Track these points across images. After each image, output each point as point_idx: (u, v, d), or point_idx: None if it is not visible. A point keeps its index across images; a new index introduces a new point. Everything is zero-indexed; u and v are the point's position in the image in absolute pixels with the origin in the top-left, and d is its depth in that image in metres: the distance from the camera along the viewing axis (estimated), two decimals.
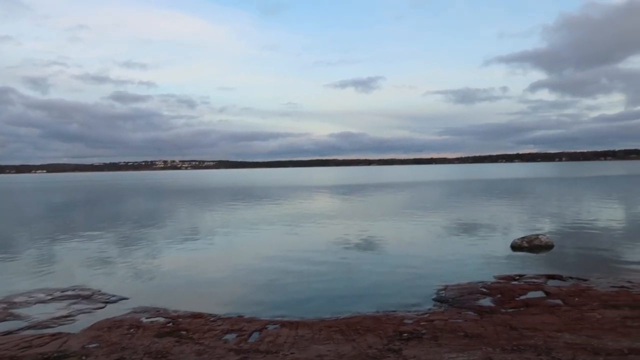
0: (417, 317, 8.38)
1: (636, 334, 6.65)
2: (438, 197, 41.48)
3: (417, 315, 8.53)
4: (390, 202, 36.43)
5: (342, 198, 42.68)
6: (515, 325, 7.32)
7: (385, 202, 37.31)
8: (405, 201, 37.42)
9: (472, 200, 35.52)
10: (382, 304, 9.54)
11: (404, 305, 9.41)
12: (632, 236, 17.43)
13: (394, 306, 9.37)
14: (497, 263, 13.39)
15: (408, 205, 32.77)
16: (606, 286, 10.28)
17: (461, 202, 34.60)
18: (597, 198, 35.64)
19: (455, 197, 40.35)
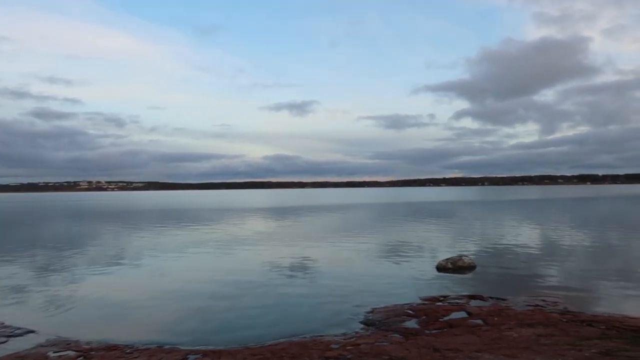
0: (344, 341, 8.31)
1: (549, 351, 6.95)
2: (369, 219, 42.23)
3: (344, 339, 8.46)
4: (322, 225, 36.57)
5: (275, 221, 42.35)
6: (439, 347, 7.43)
7: (318, 224, 37.41)
8: (337, 224, 37.74)
9: (401, 223, 36.44)
10: (310, 329, 9.41)
11: (332, 329, 9.32)
12: (546, 256, 18.51)
13: (321, 330, 9.27)
14: (423, 284, 13.69)
15: (340, 228, 33.06)
16: (522, 305, 10.79)
17: (391, 224, 35.39)
18: (516, 220, 37.83)
19: (385, 219, 41.26)
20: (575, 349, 6.99)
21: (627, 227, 30.27)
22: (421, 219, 40.73)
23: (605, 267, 16.09)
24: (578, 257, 18.45)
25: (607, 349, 6.89)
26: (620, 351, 6.77)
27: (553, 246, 21.70)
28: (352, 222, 39.48)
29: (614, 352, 6.74)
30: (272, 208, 66.72)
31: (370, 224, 36.65)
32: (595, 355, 6.60)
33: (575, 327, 8.59)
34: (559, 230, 29.12)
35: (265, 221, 42.42)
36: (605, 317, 9.48)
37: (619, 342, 7.37)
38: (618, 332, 8.18)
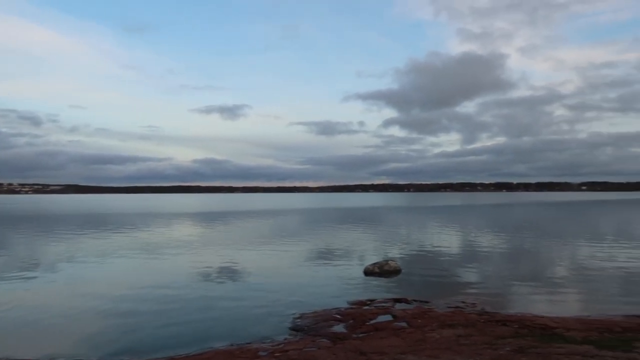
0: (272, 348, 8.24)
1: (468, 350, 7.29)
2: (298, 225, 42.36)
3: (272, 346, 8.40)
4: (251, 230, 36.19)
5: (203, 226, 41.32)
6: (365, 350, 7.56)
7: (247, 230, 36.97)
8: (266, 229, 37.51)
9: (330, 228, 36.88)
10: (238, 337, 9.25)
11: (260, 336, 9.23)
12: (466, 260, 19.49)
13: (250, 338, 9.14)
14: (351, 289, 13.91)
15: (269, 233, 32.87)
16: (444, 307, 11.27)
17: (320, 230, 35.70)
18: (439, 226, 39.50)
19: (315, 225, 41.57)
20: (492, 347, 7.39)
21: (537, 233, 32.55)
22: (350, 224, 41.45)
23: (518, 270, 17.19)
24: (494, 260, 19.58)
25: (519, 347, 7.35)
26: (531, 348, 7.24)
27: (472, 250, 22.87)
28: (281, 227, 39.40)
29: (525, 349, 7.20)
30: (201, 213, 65.10)
31: (300, 229, 36.79)
32: (509, 352, 7.01)
33: (492, 327, 9.09)
34: (477, 235, 30.78)
35: (193, 226, 41.28)
36: (518, 316, 10.12)
37: (530, 340, 7.89)
38: (529, 331, 8.76)
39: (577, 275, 15.94)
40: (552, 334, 8.46)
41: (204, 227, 40.10)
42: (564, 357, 6.53)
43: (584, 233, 31.83)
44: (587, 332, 8.60)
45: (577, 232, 33.00)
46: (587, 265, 17.84)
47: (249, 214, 61.88)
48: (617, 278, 15.39)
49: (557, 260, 19.38)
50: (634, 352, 6.84)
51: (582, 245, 24.58)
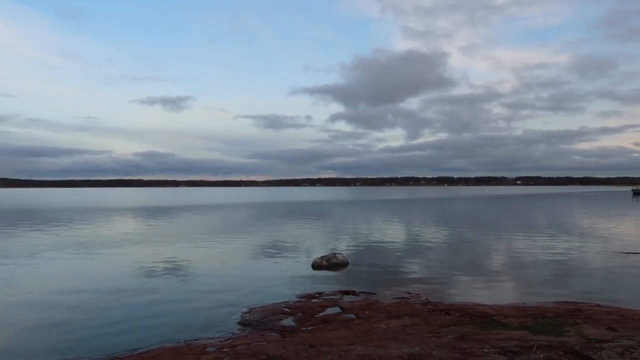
0: (220, 343, 8.16)
1: (413, 339, 7.53)
2: (246, 219, 42.00)
3: (220, 341, 8.31)
4: (197, 225, 35.49)
5: (145, 221, 40.06)
6: (314, 343, 7.64)
7: (192, 225, 36.22)
8: (212, 224, 36.92)
9: (277, 222, 36.82)
10: (185, 333, 9.08)
11: (208, 332, 9.10)
12: (411, 252, 20.08)
13: (197, 334, 8.99)
14: (300, 282, 13.99)
15: (216, 228, 32.37)
16: (390, 298, 11.57)
17: (268, 224, 35.58)
18: (384, 219, 40.40)
19: (262, 219, 41.37)
20: (436, 335, 7.68)
21: (477, 225, 34.00)
22: (297, 218, 41.57)
23: (459, 260, 17.89)
24: (437, 252, 20.27)
25: (461, 334, 7.68)
26: (472, 335, 7.58)
27: (416, 242, 23.56)
28: (228, 222, 38.93)
29: (467, 336, 7.53)
30: (143, 208, 63.07)
31: (247, 223, 36.49)
32: (452, 340, 7.31)
33: (436, 316, 9.43)
34: (421, 228, 31.74)
35: (134, 222, 39.91)
36: (460, 305, 10.56)
37: (471, 327, 8.25)
38: (470, 318, 9.16)
39: (513, 265, 16.81)
40: (491, 320, 8.89)
41: (146, 222, 38.88)
42: (501, 343, 6.89)
43: (519, 225, 33.58)
44: (523, 318, 9.10)
45: (512, 224, 34.75)
46: (522, 256, 18.84)
47: (194, 208, 60.63)
48: (549, 267, 16.35)
49: (495, 251, 20.33)
50: (564, 336, 7.31)
51: (518, 236, 25.92)
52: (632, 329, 7.89)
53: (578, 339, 7.06)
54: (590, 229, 30.40)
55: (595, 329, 7.86)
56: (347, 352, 6.90)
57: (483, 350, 6.48)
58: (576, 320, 8.82)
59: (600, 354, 6.07)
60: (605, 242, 22.90)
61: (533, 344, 6.74)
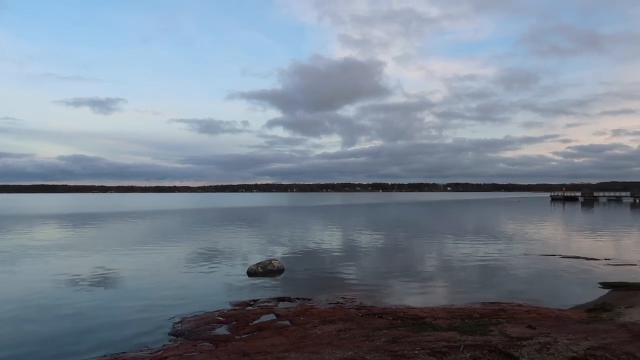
0: (150, 356, 7.84)
1: (347, 344, 7.61)
2: (180, 226, 40.78)
3: (149, 354, 7.98)
4: (127, 232, 34.01)
5: (71, 228, 37.80)
6: (248, 351, 7.53)
7: (122, 232, 34.66)
8: (144, 231, 35.52)
9: (213, 229, 36.07)
10: (112, 347, 8.63)
11: (137, 345, 8.72)
12: (346, 257, 20.32)
13: (125, 347, 8.58)
14: (235, 290, 13.76)
15: (148, 235, 31.17)
16: (325, 304, 11.64)
17: (202, 231, 34.75)
18: (321, 225, 40.69)
19: (197, 226, 40.35)
20: (369, 339, 7.80)
21: (409, 230, 35.06)
22: (233, 224, 40.94)
23: (393, 265, 18.33)
24: (372, 257, 20.68)
25: (393, 337, 7.85)
26: (404, 337, 7.77)
27: (352, 248, 23.91)
28: (160, 229, 37.60)
29: (399, 338, 7.71)
30: (68, 214, 59.58)
31: (181, 230, 35.43)
32: (384, 343, 7.45)
33: (369, 320, 9.59)
34: (356, 233, 32.26)
35: (58, 229, 37.55)
36: (393, 309, 10.81)
37: (403, 330, 8.46)
38: (402, 321, 9.39)
39: (443, 269, 17.46)
40: (422, 323, 9.17)
41: (71, 230, 36.70)
42: (431, 344, 7.11)
43: (449, 230, 34.98)
44: (452, 319, 9.46)
45: (443, 229, 36.13)
46: (452, 259, 19.63)
47: (124, 215, 58.10)
48: (476, 270, 17.14)
49: (427, 255, 21.03)
50: (489, 335, 7.67)
51: (448, 240, 26.98)
52: (549, 326, 8.41)
53: (501, 338, 7.42)
54: (513, 233, 32.21)
55: (516, 328, 8.31)
56: (281, 359, 6.85)
57: (414, 352, 6.66)
58: (500, 319, 9.28)
59: (520, 351, 6.42)
60: (526, 245, 24.35)
61: (460, 344, 7.02)
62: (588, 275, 15.77)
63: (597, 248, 22.99)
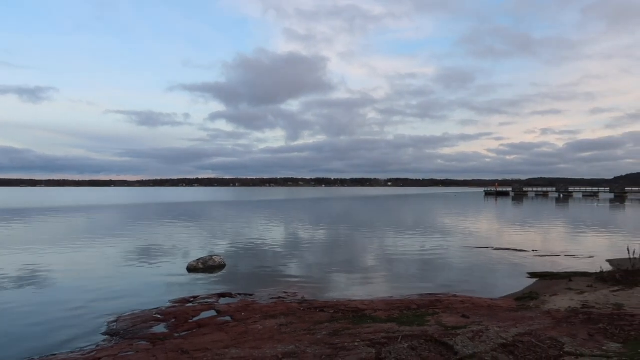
0: (82, 357, 7.49)
1: (289, 338, 7.62)
2: (116, 221, 39.20)
3: (81, 355, 7.63)
4: (59, 229, 32.22)
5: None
6: (187, 349, 7.37)
7: (53, 228, 32.79)
8: (77, 227, 33.82)
9: (151, 225, 34.96)
10: (41, 350, 8.15)
11: (69, 347, 8.30)
12: (289, 252, 20.34)
13: (55, 350, 8.14)
14: (174, 287, 13.40)
15: (81, 232, 29.70)
16: (267, 299, 11.61)
17: (140, 226, 33.58)
18: (264, 219, 40.46)
19: (135, 221, 38.96)
20: (310, 333, 7.85)
21: (351, 224, 35.59)
22: (173, 220, 39.88)
23: (335, 258, 18.55)
24: (314, 251, 20.82)
25: (334, 330, 7.95)
26: (344, 330, 7.89)
27: (294, 242, 23.96)
28: (96, 224, 35.95)
29: (339, 331, 7.81)
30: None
31: (118, 226, 34.05)
32: (325, 336, 7.53)
33: (311, 314, 9.66)
34: (299, 227, 32.36)
35: None
36: (334, 302, 10.94)
37: (343, 323, 8.58)
38: (343, 314, 9.53)
39: (384, 262, 17.86)
40: (362, 315, 9.34)
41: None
42: (371, 335, 7.26)
43: (390, 224, 35.85)
44: (391, 311, 9.71)
45: (384, 223, 36.96)
46: (392, 252, 20.13)
47: (55, 210, 55.05)
48: (415, 262, 17.67)
49: (369, 249, 21.44)
50: (425, 326, 7.94)
51: (388, 234, 27.64)
52: (481, 315, 8.83)
53: (437, 328, 7.70)
54: (450, 226, 33.49)
55: (451, 318, 8.65)
56: (221, 355, 6.77)
57: (354, 344, 6.78)
58: (436, 310, 9.62)
59: (455, 339, 6.69)
60: (462, 238, 25.40)
61: (398, 334, 7.21)
62: (517, 266, 16.67)
63: (525, 240, 24.35)
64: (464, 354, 6.06)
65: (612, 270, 13.93)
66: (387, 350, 6.36)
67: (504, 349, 6.17)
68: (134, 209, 59.84)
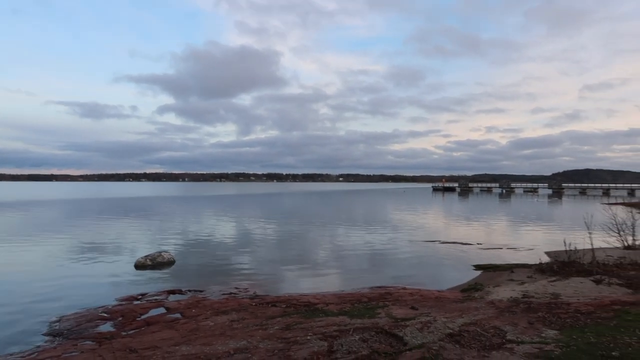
0: (22, 359, 7.15)
1: (241, 334, 7.58)
2: (58, 217, 37.45)
3: (21, 357, 7.27)
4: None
5: None
6: (135, 347, 7.18)
7: None
8: (16, 224, 32.06)
9: (97, 221, 33.65)
10: None
11: (8, 349, 7.87)
12: (241, 247, 20.16)
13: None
14: (121, 284, 12.99)
15: (21, 229, 28.18)
16: (218, 295, 11.48)
17: (85, 222, 32.25)
18: (215, 215, 39.87)
19: (79, 217, 37.37)
20: (262, 328, 7.84)
21: (303, 219, 35.69)
22: (120, 216, 38.57)
23: (287, 253, 18.56)
24: (267, 246, 20.74)
25: (286, 324, 7.97)
26: (297, 324, 7.93)
27: (246, 238, 23.77)
28: (36, 221, 34.20)
29: (291, 325, 7.85)
30: None
31: (60, 223, 32.54)
32: (277, 331, 7.54)
33: (263, 309, 9.63)
34: (251, 223, 32.11)
35: None
36: (286, 297, 10.96)
37: (295, 317, 8.62)
38: (295, 309, 9.56)
39: (336, 256, 18.05)
40: (315, 309, 9.41)
41: None
42: (323, 329, 7.34)
43: (341, 218, 36.23)
44: (342, 304, 9.84)
45: (336, 217, 37.31)
46: (344, 247, 20.37)
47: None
48: (366, 256, 17.96)
49: (321, 244, 21.59)
50: (376, 318, 8.11)
51: (340, 229, 27.94)
52: (429, 306, 9.11)
53: (387, 320, 7.88)
54: (400, 221, 34.24)
55: (401, 310, 8.87)
56: (171, 353, 6.65)
57: (306, 338, 6.83)
58: (386, 302, 9.84)
59: (404, 330, 6.88)
60: (411, 233, 26.04)
61: (350, 327, 7.33)
62: (463, 259, 17.29)
63: (471, 234, 25.28)
64: (413, 344, 6.24)
65: (550, 262, 14.71)
66: (338, 343, 6.45)
67: (451, 339, 6.40)
68: (77, 204, 57.38)
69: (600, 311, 7.81)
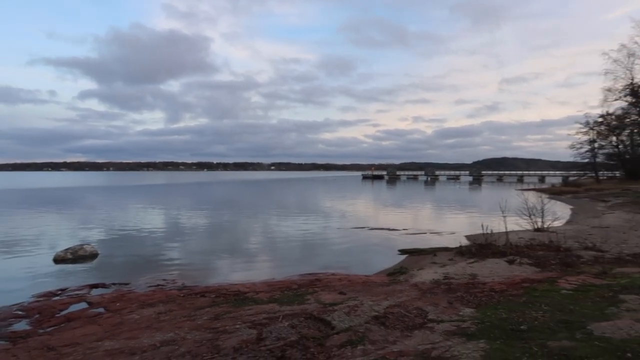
0: None
1: (168, 325, 7.45)
2: None
3: None
4: None
5: None
6: (54, 345, 6.86)
7: None
8: None
9: (11, 213, 31.35)
10: None
11: None
12: (169, 238, 19.65)
13: None
14: (38, 280, 12.27)
15: None
16: (145, 287, 11.16)
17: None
18: (141, 205, 38.46)
19: None
20: (190, 319, 7.75)
21: (234, 208, 35.35)
22: (37, 207, 36.16)
23: (217, 243, 18.34)
24: (196, 236, 20.36)
25: (215, 314, 7.93)
26: (226, 314, 7.91)
27: (175, 228, 23.18)
28: None
29: (220, 315, 7.82)
30: None
31: None
32: (206, 321, 7.49)
33: (191, 300, 9.50)
34: (180, 213, 31.32)
35: None
36: (216, 287, 10.86)
37: (225, 307, 8.59)
38: (225, 298, 9.52)
39: (266, 245, 18.09)
40: (244, 298, 9.42)
41: None
42: (252, 317, 7.39)
43: (272, 207, 36.26)
44: (272, 292, 9.91)
45: (266, 206, 37.26)
46: (274, 235, 20.45)
47: None
48: (296, 244, 18.14)
49: (251, 233, 21.53)
50: (305, 304, 8.26)
51: (271, 217, 27.96)
52: (357, 291, 9.40)
53: (316, 305, 8.06)
54: (329, 208, 34.81)
55: (329, 295, 9.09)
56: (93, 349, 6.42)
57: (235, 327, 6.85)
58: (315, 289, 10.03)
59: (332, 315, 7.09)
60: (341, 220, 26.58)
61: (279, 314, 7.44)
62: (390, 244, 17.93)
63: (397, 220, 26.22)
64: (341, 327, 6.45)
65: (469, 245, 15.61)
66: (267, 330, 6.53)
67: (376, 321, 6.68)
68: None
69: (512, 289, 8.44)
